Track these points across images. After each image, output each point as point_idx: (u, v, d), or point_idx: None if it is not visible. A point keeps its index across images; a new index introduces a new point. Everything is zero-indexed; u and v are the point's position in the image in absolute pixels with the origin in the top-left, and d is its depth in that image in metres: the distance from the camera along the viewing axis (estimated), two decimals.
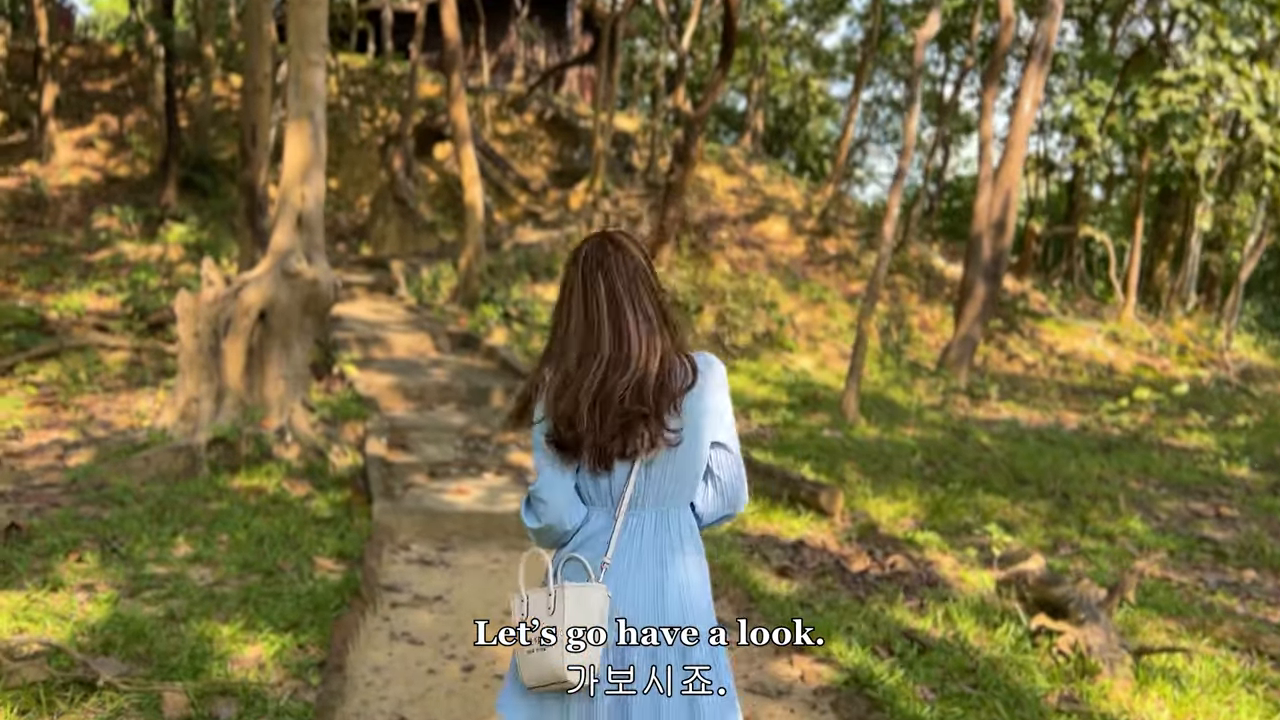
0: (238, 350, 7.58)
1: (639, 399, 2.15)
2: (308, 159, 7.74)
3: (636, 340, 2.19)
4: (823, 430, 10.36)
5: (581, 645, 2.06)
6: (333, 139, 22.36)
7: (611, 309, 2.21)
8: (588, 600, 2.10)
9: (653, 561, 2.21)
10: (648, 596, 2.18)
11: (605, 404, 2.15)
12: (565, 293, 2.29)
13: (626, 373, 2.16)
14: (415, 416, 8.89)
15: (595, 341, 2.19)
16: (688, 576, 2.25)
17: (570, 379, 2.18)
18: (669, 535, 2.24)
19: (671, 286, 15.81)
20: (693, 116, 16.43)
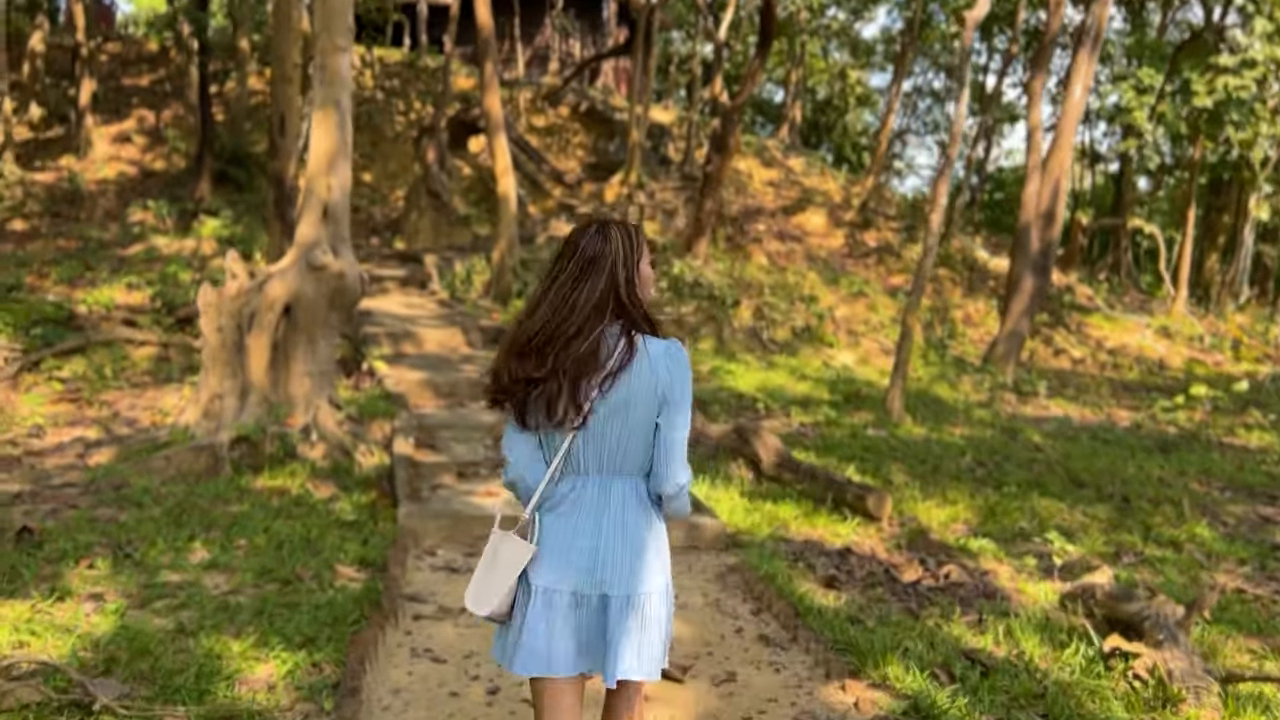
0: (262, 346, 7.31)
1: (556, 368, 2.33)
2: (333, 148, 7.45)
3: (577, 315, 2.35)
4: (867, 429, 9.94)
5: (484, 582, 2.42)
6: (367, 133, 22.19)
7: (567, 285, 2.38)
8: (500, 549, 2.42)
9: (592, 523, 2.40)
10: (589, 552, 2.39)
11: (540, 361, 2.34)
12: (549, 266, 2.48)
13: (554, 343, 2.34)
14: (445, 414, 8.59)
15: (542, 312, 2.38)
16: (631, 539, 2.41)
17: (528, 340, 2.37)
18: (610, 502, 2.41)
19: (708, 280, 15.43)
20: (730, 106, 16.02)
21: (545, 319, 2.37)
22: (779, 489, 7.71)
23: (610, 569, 2.39)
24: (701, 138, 23.79)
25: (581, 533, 2.41)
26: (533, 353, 2.36)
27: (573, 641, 2.40)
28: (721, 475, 7.93)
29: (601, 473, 2.43)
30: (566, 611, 2.40)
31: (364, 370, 9.51)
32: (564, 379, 2.34)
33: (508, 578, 2.40)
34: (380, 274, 14.05)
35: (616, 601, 2.39)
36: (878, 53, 38.12)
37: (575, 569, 2.40)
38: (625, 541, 2.41)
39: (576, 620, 2.41)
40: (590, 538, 2.40)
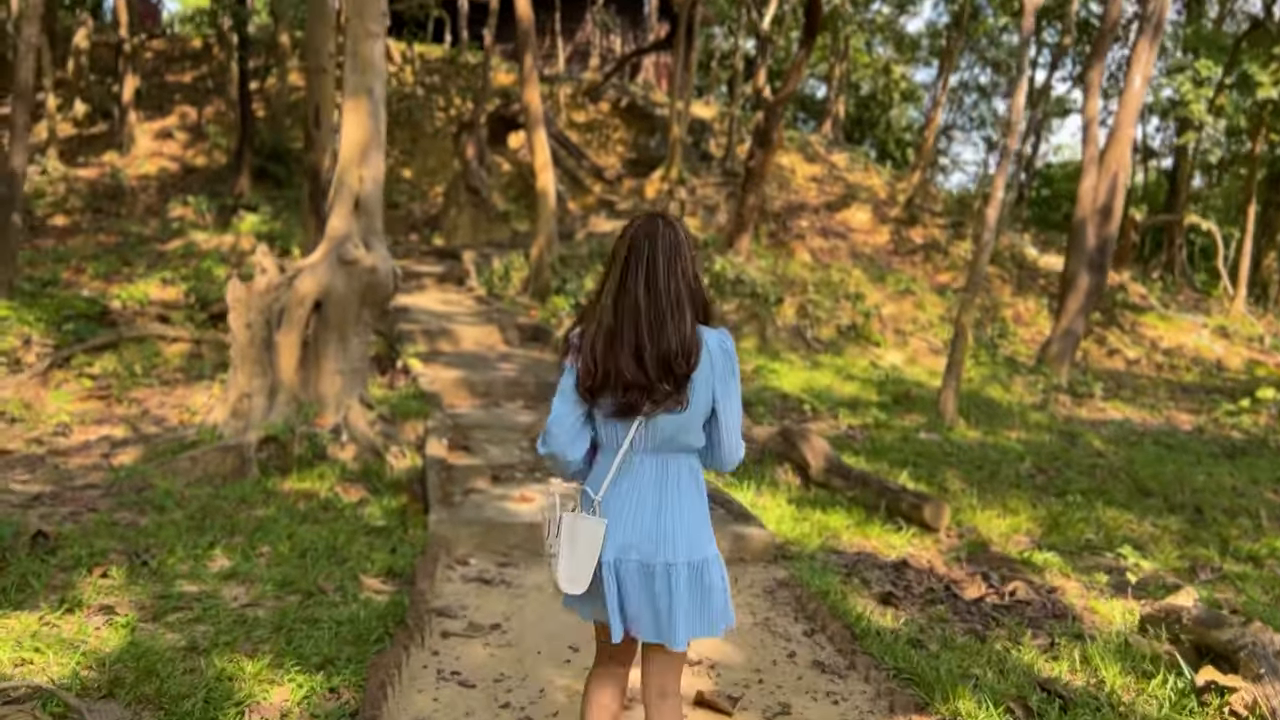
0: (291, 343, 7.03)
1: (662, 369, 2.48)
2: (366, 138, 7.15)
3: (668, 315, 2.50)
4: (918, 432, 9.50)
5: (574, 562, 2.53)
6: (407, 129, 22.01)
7: (651, 282, 2.51)
8: (578, 529, 2.53)
9: (652, 499, 2.59)
10: (645, 527, 2.57)
11: (637, 365, 2.48)
12: (614, 260, 2.58)
13: (655, 343, 2.48)
14: (480, 414, 8.27)
15: (634, 310, 2.50)
16: (686, 512, 2.62)
17: (614, 338, 2.51)
18: (667, 478, 2.60)
19: (750, 277, 15.01)
20: (773, 100, 15.58)
21: (636, 314, 2.51)
22: (828, 496, 7.31)
23: (671, 539, 2.57)
24: (743, 133, 23.36)
25: (644, 507, 2.59)
26: (626, 347, 2.50)
27: (641, 608, 2.57)
28: (768, 481, 7.54)
29: (659, 451, 2.61)
30: (634, 580, 2.56)
31: (398, 368, 9.22)
32: (651, 376, 2.50)
33: (592, 554, 2.55)
34: (417, 270, 13.80)
35: (678, 569, 2.56)
36: (923, 47, 37.42)
37: (640, 541, 2.56)
38: (682, 514, 2.61)
39: (643, 588, 2.57)
40: (653, 512, 2.58)
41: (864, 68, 37.24)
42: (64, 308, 9.50)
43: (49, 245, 14.89)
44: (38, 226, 15.95)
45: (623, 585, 2.57)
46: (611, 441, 2.62)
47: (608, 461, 2.62)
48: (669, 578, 2.54)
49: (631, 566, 2.56)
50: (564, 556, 2.56)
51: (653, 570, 2.55)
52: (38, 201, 16.75)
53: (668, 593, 2.54)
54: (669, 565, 2.55)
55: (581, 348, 2.57)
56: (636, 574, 2.56)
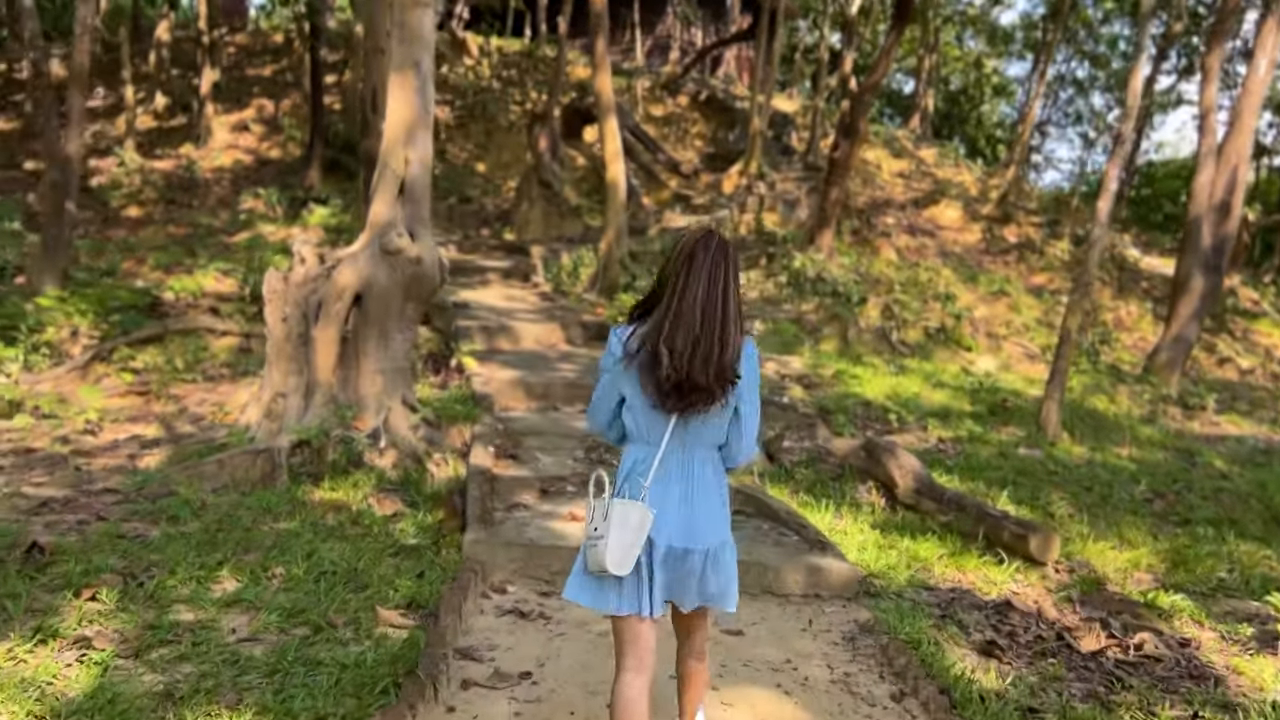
0: (329, 339, 6.46)
1: (719, 374, 2.70)
2: (412, 117, 6.54)
3: (731, 326, 2.73)
4: (1018, 447, 8.58)
5: (622, 546, 2.70)
6: (481, 122, 21.58)
7: (713, 294, 2.71)
8: (629, 515, 2.72)
9: (681, 489, 2.81)
10: (676, 515, 2.79)
11: (707, 372, 2.68)
12: (673, 271, 2.75)
13: (721, 353, 2.69)
14: (535, 418, 7.62)
15: (698, 319, 2.69)
16: (709, 501, 2.84)
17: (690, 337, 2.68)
18: (693, 470, 2.82)
19: (832, 275, 14.14)
20: (861, 88, 14.67)
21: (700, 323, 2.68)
22: (918, 521, 6.48)
23: (698, 526, 2.79)
24: (827, 127, 22.41)
25: (674, 497, 2.78)
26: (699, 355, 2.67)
27: (665, 589, 2.79)
28: (848, 501, 6.74)
29: (686, 446, 2.81)
30: (662, 563, 2.77)
31: (452, 367, 8.64)
32: (713, 382, 2.69)
33: (640, 540, 2.71)
34: (483, 265, 13.25)
35: (700, 554, 2.79)
36: (1017, 40, 35.88)
37: (671, 527, 2.77)
38: (708, 503, 2.82)
39: (670, 570, 2.78)
40: (681, 501, 2.79)
41: (954, 61, 35.88)
42: (114, 298, 9.13)
43: (121, 236, 14.74)
44: (111, 217, 15.85)
45: (657, 568, 2.76)
46: (645, 433, 2.81)
47: (647, 453, 2.81)
48: (692, 560, 2.79)
49: (663, 551, 2.76)
50: (614, 541, 2.69)
51: (683, 554, 2.78)
52: (113, 193, 16.67)
53: (695, 574, 2.79)
54: (689, 551, 2.78)
55: (650, 349, 2.70)
56: (669, 558, 2.78)
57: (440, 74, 23.57)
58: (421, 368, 8.73)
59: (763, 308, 13.42)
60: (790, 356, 11.37)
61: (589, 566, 2.78)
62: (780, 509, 5.96)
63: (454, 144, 20.92)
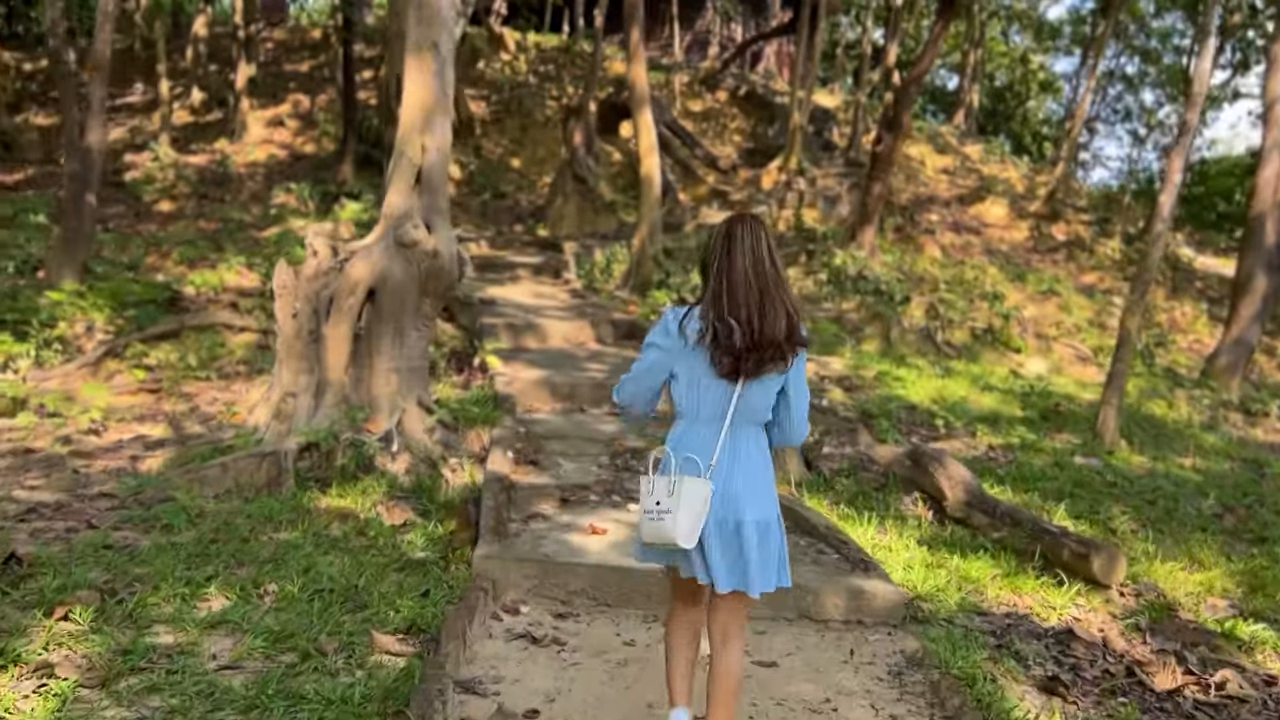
0: (340, 336, 6.08)
1: (789, 333, 2.85)
2: (430, 101, 6.15)
3: (785, 289, 2.89)
4: (1073, 455, 8.02)
5: (691, 520, 2.78)
6: (517, 117, 21.23)
7: (763, 262, 2.86)
8: (698, 490, 2.80)
9: (728, 464, 2.89)
10: (735, 489, 2.87)
11: (772, 327, 2.82)
12: (735, 244, 2.87)
13: (782, 310, 2.84)
14: (559, 420, 7.20)
15: (768, 289, 2.84)
16: (762, 476, 2.95)
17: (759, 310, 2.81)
18: (748, 445, 2.93)
19: (874, 273, 13.60)
20: (906, 79, 14.11)
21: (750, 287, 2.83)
22: (968, 536, 5.98)
23: (747, 499, 2.88)
24: (869, 122, 21.80)
25: (725, 471, 2.88)
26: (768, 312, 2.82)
27: (722, 560, 2.86)
28: (892, 514, 6.24)
29: (736, 423, 2.90)
30: (716, 533, 2.85)
31: (475, 366, 8.25)
32: (782, 338, 2.83)
33: (703, 513, 2.81)
34: (513, 261, 12.87)
35: (750, 525, 2.87)
36: (1064, 35, 34.98)
37: (723, 500, 2.86)
38: (754, 477, 2.92)
39: (728, 542, 2.87)
40: (729, 475, 2.89)
41: (999, 56, 35.03)
42: (120, 293, 8.84)
43: (151, 230, 14.54)
44: (142, 212, 15.68)
45: (710, 539, 2.83)
46: (700, 410, 2.90)
47: (706, 431, 2.89)
48: (741, 533, 2.84)
49: (731, 525, 2.85)
50: (684, 515, 2.76)
51: (733, 526, 2.85)
52: (146, 187, 16.51)
53: (740, 547, 2.84)
54: (740, 523, 2.85)
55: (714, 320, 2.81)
56: (720, 530, 2.85)
57: (476, 69, 23.26)
58: (444, 366, 8.36)
59: (800, 305, 12.92)
60: (830, 357, 10.87)
61: (647, 539, 2.88)
62: (819, 523, 5.49)
63: (489, 139, 20.60)
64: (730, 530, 2.85)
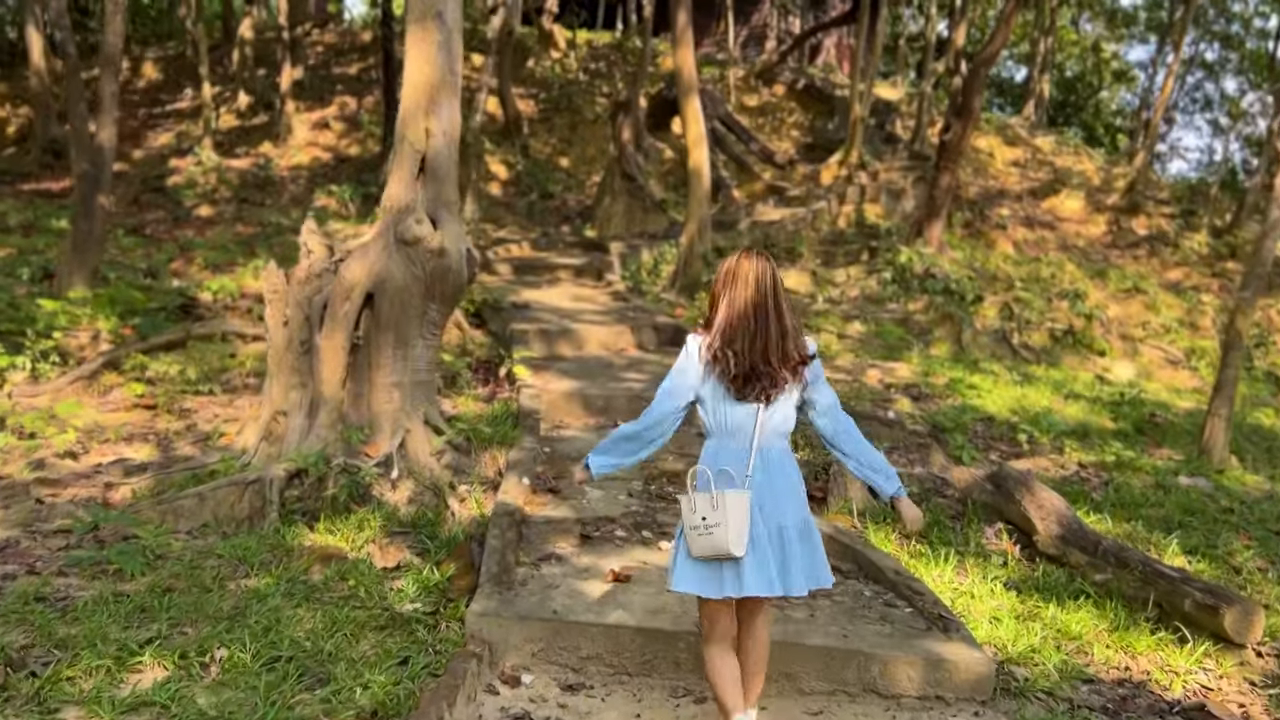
0: (335, 346, 5.33)
1: (784, 358, 3.08)
2: (434, 78, 5.37)
3: (786, 317, 3.11)
4: (1177, 475, 6.98)
5: (739, 528, 2.95)
6: (566, 115, 20.50)
7: (765, 295, 3.08)
8: (741, 502, 2.98)
9: (772, 474, 3.10)
10: (771, 497, 3.08)
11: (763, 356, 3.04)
12: (739, 278, 3.11)
13: (781, 341, 3.08)
14: (590, 438, 6.38)
15: (766, 320, 3.06)
16: (791, 484, 3.15)
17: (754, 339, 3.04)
18: (778, 455, 3.14)
19: (943, 270, 12.57)
20: (977, 60, 13.05)
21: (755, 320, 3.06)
22: (1065, 578, 5.02)
23: (785, 504, 3.10)
24: (934, 114, 20.69)
25: (760, 481, 3.07)
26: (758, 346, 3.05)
27: (760, 566, 3.02)
28: (974, 550, 5.30)
29: (766, 437, 3.11)
30: (761, 542, 3.04)
31: (502, 377, 7.47)
32: (776, 366, 3.06)
33: (747, 522, 2.98)
34: (555, 262, 12.10)
35: (791, 529, 3.10)
36: (1139, 21, 33.33)
37: (761, 509, 3.05)
38: (789, 484, 3.14)
39: (770, 547, 3.05)
40: (766, 485, 3.08)
41: (1070, 46, 33.50)
42: (118, 299, 8.22)
43: (188, 235, 14.07)
44: (182, 216, 15.25)
45: (758, 546, 3.03)
46: (728, 428, 3.11)
47: (737, 447, 3.09)
48: (784, 536, 3.08)
49: (764, 532, 3.04)
50: (736, 526, 2.94)
51: (776, 531, 3.07)
52: (187, 192, 16.10)
53: (784, 550, 3.07)
54: (782, 527, 3.08)
55: (723, 347, 3.05)
56: (765, 537, 3.05)
57: (526, 67, 22.61)
58: (469, 377, 7.59)
59: (864, 307, 11.96)
60: (895, 363, 9.91)
61: (695, 553, 3.01)
62: (887, 567, 4.58)
63: (537, 139, 19.90)
64: (774, 535, 3.07)
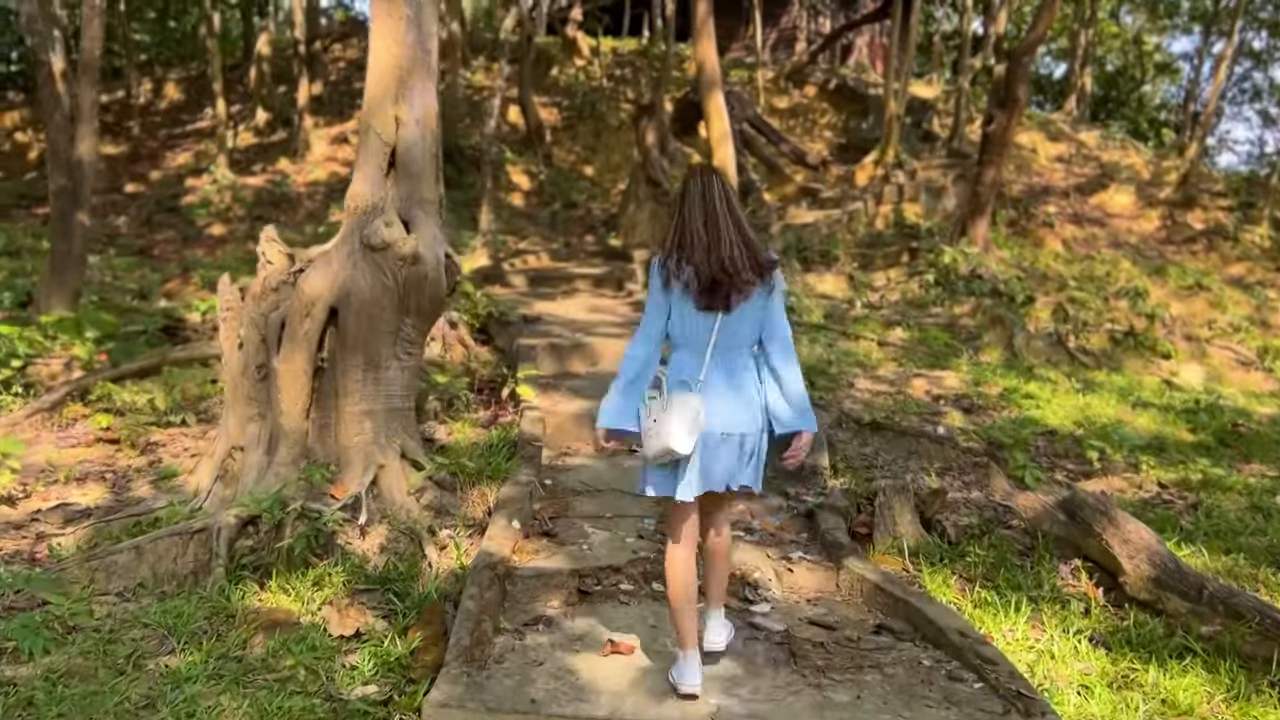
0: (295, 371, 4.58)
1: (752, 264, 3.16)
2: (403, 59, 4.63)
3: (742, 226, 3.22)
4: (1274, 495, 6.03)
5: (684, 427, 3.07)
6: (590, 122, 19.81)
7: (725, 209, 3.20)
8: (688, 403, 3.10)
9: (727, 383, 3.20)
10: (725, 403, 3.18)
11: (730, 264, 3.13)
12: (689, 196, 3.24)
13: (739, 246, 3.17)
14: (598, 467, 5.59)
15: (718, 229, 3.17)
16: (747, 396, 3.22)
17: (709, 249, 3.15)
18: (735, 366, 3.23)
19: (990, 271, 11.65)
20: (1021, 45, 12.13)
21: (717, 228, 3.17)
22: (1161, 628, 4.13)
23: (740, 415, 3.20)
24: (973, 110, 19.72)
25: (718, 390, 3.19)
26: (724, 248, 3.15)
27: (716, 466, 3.19)
28: (1048, 595, 4.42)
29: (724, 348, 3.21)
30: (718, 445, 3.18)
31: (505, 398, 6.69)
32: (741, 267, 3.14)
33: (697, 424, 3.10)
34: (574, 272, 11.34)
35: (743, 438, 3.22)
36: (1182, 12, 32.08)
37: (718, 416, 3.16)
38: (744, 397, 3.23)
39: (724, 451, 3.19)
40: (725, 393, 3.20)
41: (1110, 39, 32.29)
42: (105, 322, 7.56)
43: (197, 255, 13.51)
44: (193, 236, 14.71)
45: (709, 450, 3.17)
46: (690, 339, 3.21)
47: (694, 355, 3.21)
48: (735, 444, 3.20)
49: (716, 436, 3.16)
50: (676, 423, 3.06)
51: (726, 439, 3.18)
52: (200, 211, 15.57)
53: (738, 453, 3.21)
54: (739, 435, 3.20)
55: (681, 261, 3.17)
56: (721, 441, 3.18)
57: (550, 76, 21.96)
58: (471, 399, 6.83)
59: (906, 312, 11.06)
60: (943, 371, 9.01)
61: (649, 454, 3.16)
62: (950, 627, 3.72)
63: (561, 147, 19.21)
64: (726, 439, 3.17)
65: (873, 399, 7.92)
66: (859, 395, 8.02)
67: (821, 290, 11.81)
